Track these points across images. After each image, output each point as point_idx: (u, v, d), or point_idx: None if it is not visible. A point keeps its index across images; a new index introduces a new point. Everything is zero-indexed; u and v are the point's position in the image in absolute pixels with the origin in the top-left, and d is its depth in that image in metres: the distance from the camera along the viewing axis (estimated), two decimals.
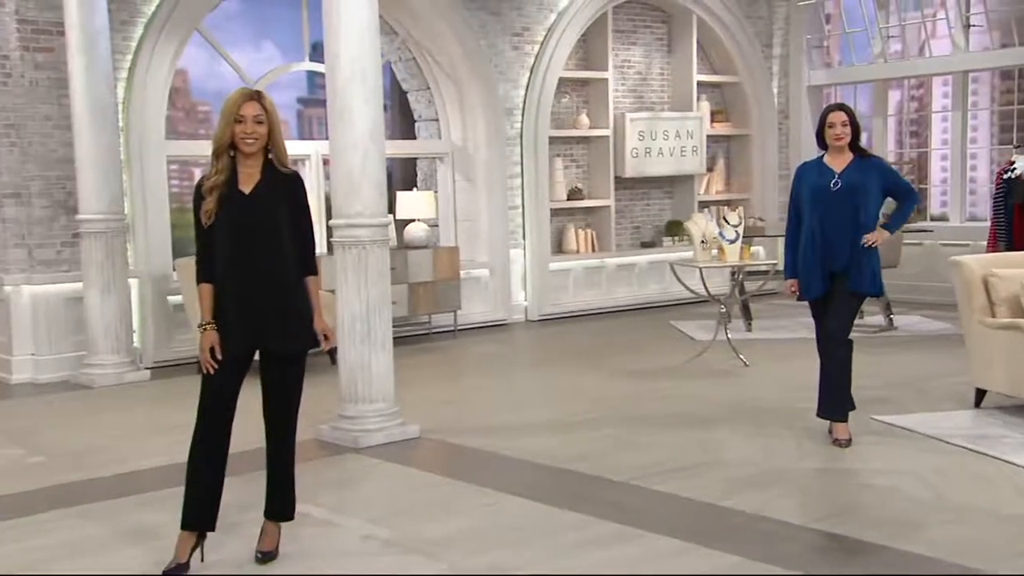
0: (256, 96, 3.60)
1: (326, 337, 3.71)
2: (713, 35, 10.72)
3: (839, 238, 4.95)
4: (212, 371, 3.54)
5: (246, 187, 3.58)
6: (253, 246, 3.57)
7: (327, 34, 5.23)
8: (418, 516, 4.18)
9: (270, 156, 3.63)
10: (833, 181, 4.98)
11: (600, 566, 3.56)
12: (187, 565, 3.53)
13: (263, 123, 3.56)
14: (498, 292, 9.44)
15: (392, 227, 8.01)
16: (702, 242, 6.91)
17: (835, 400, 5.05)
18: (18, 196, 7.11)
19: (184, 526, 3.57)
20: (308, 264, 3.70)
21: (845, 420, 5.06)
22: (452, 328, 8.87)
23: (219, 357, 3.53)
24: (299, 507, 3.86)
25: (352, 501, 4.48)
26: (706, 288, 7.19)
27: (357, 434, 5.27)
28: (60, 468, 5.01)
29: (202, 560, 3.59)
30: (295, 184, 3.68)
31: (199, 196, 3.59)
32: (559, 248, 10.00)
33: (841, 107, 5.07)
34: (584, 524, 3.99)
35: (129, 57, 7.45)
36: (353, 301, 5.32)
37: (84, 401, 6.62)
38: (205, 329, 3.57)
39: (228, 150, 3.57)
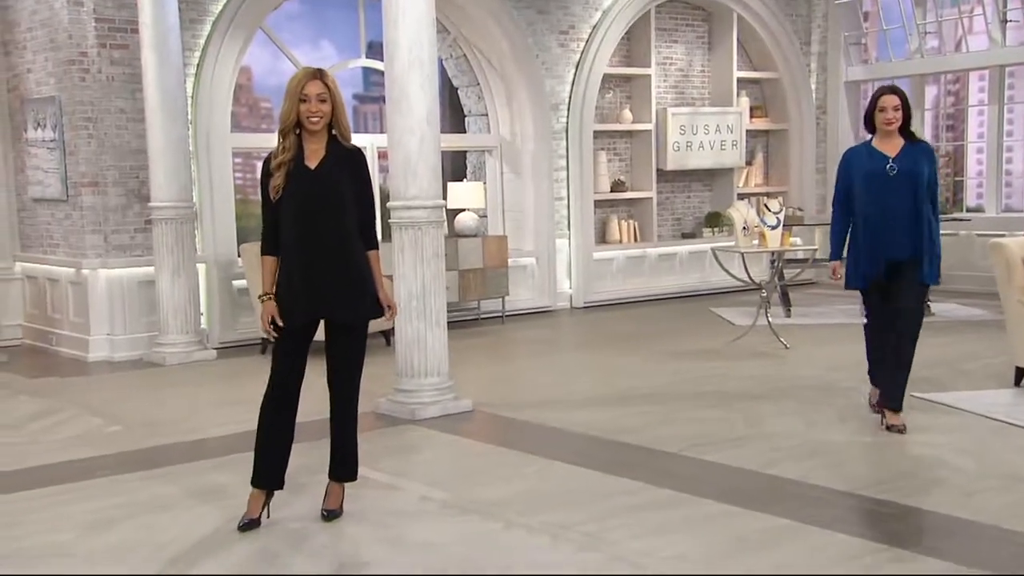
0: (319, 75, 3.70)
1: (390, 307, 3.88)
2: (753, 33, 10.96)
3: (899, 225, 4.82)
4: (274, 339, 3.74)
5: (312, 163, 3.71)
6: (318, 219, 3.70)
7: (386, 23, 5.52)
8: (473, 480, 4.43)
9: (334, 133, 3.75)
10: (888, 166, 4.86)
11: (652, 527, 3.74)
12: (258, 521, 3.80)
13: (326, 101, 3.66)
14: (544, 280, 9.77)
15: (444, 215, 8.35)
16: (743, 228, 7.17)
17: (898, 386, 4.93)
18: (95, 185, 7.56)
19: (254, 484, 3.83)
20: (369, 238, 3.83)
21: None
22: (500, 314, 9.22)
23: (280, 324, 3.71)
24: (360, 471, 4.12)
25: (410, 467, 4.77)
26: (748, 273, 7.44)
27: (413, 406, 5.59)
28: (136, 436, 5.36)
29: (268, 516, 3.85)
30: (358, 160, 3.78)
31: (266, 173, 3.75)
32: (602, 238, 10.31)
33: (893, 90, 4.91)
34: (635, 489, 4.21)
35: (197, 54, 7.88)
36: (410, 279, 5.64)
37: (156, 377, 7.04)
38: (265, 300, 3.75)
39: (294, 128, 3.69)
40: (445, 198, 8.93)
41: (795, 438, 4.99)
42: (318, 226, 3.71)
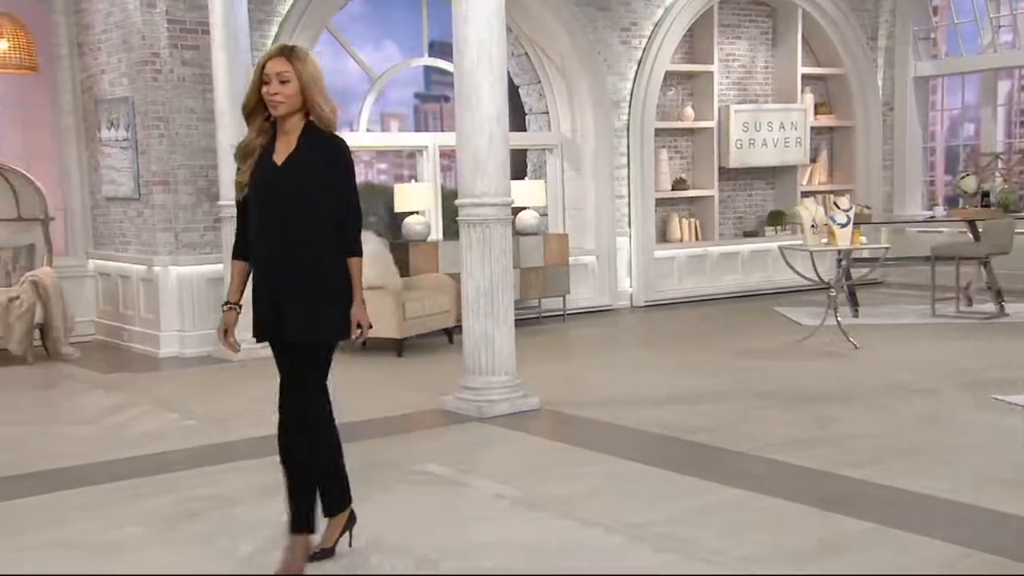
0: (284, 51, 3.20)
1: (359, 327, 3.29)
2: (818, 28, 10.78)
3: None
4: (235, 352, 3.45)
5: (280, 156, 3.21)
6: (277, 226, 3.19)
7: (456, 20, 5.53)
8: (544, 478, 4.41)
9: (312, 119, 3.22)
10: None
11: (729, 528, 3.69)
12: (332, 550, 3.48)
13: (289, 82, 3.14)
14: (604, 278, 9.72)
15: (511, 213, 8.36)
16: (812, 226, 7.06)
17: None
18: (166, 184, 7.71)
19: (291, 529, 3.40)
20: (349, 244, 3.25)
21: None
22: (561, 312, 9.20)
23: (231, 340, 3.39)
24: (432, 468, 4.11)
25: (480, 464, 4.76)
26: (816, 272, 7.32)
27: (481, 404, 5.57)
28: (211, 430, 5.44)
29: (350, 545, 3.54)
30: (337, 151, 3.22)
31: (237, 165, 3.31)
32: (663, 237, 10.23)
33: None
34: (708, 489, 4.16)
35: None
36: (478, 277, 5.63)
37: (225, 373, 7.13)
38: (226, 310, 3.40)
39: (264, 115, 3.21)
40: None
41: (870, 439, 4.90)
42: (280, 233, 3.18)
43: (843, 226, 6.96)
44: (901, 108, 11.38)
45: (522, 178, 9.73)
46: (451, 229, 9.32)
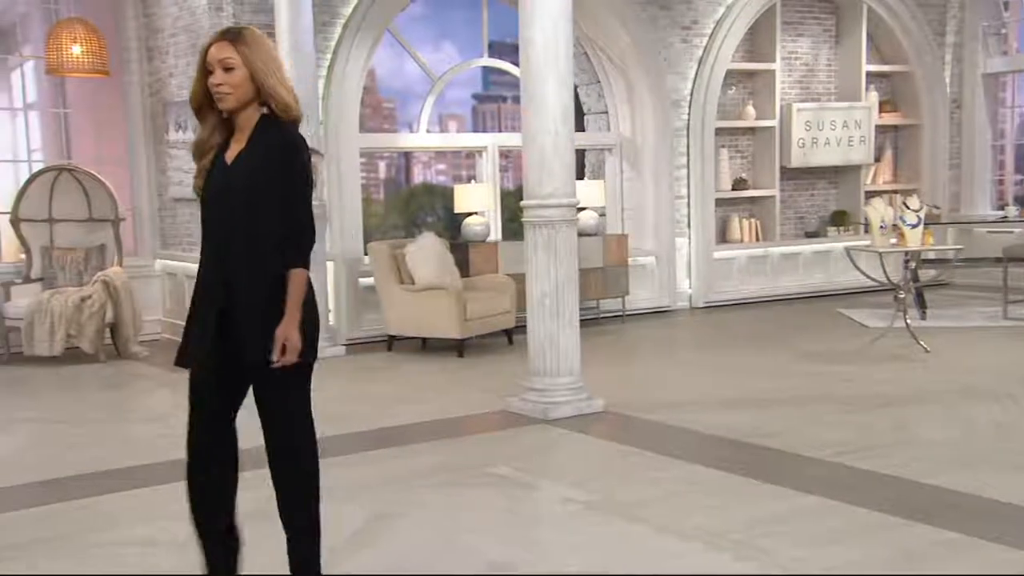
0: (228, 35, 2.81)
1: (283, 350, 2.79)
2: (883, 24, 10.58)
3: None
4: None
5: (231, 154, 2.86)
6: (224, 234, 2.83)
7: (522, 21, 5.53)
8: (614, 482, 4.38)
9: (265, 112, 2.83)
10: None
11: (808, 537, 3.62)
12: None
13: (234, 69, 2.76)
14: (663, 279, 9.65)
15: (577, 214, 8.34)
16: (881, 227, 6.92)
17: None
18: None
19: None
20: (289, 252, 2.81)
21: None
22: (620, 313, 9.14)
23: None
24: (500, 470, 4.08)
25: (548, 467, 4.77)
26: (886, 274, 7.18)
27: (546, 406, 5.56)
28: None
29: None
30: (283, 152, 2.80)
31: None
32: (723, 237, 10.12)
33: None
34: (783, 496, 4.09)
35: (328, 56, 8.05)
36: (543, 278, 5.61)
37: None
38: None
39: (215, 109, 2.84)
40: None
41: (948, 446, 4.79)
42: (227, 241, 2.82)
43: (914, 227, 6.82)
44: (969, 105, 11.12)
45: (580, 178, 9.67)
46: (509, 229, 9.33)
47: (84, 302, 7.40)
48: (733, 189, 10.09)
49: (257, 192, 2.79)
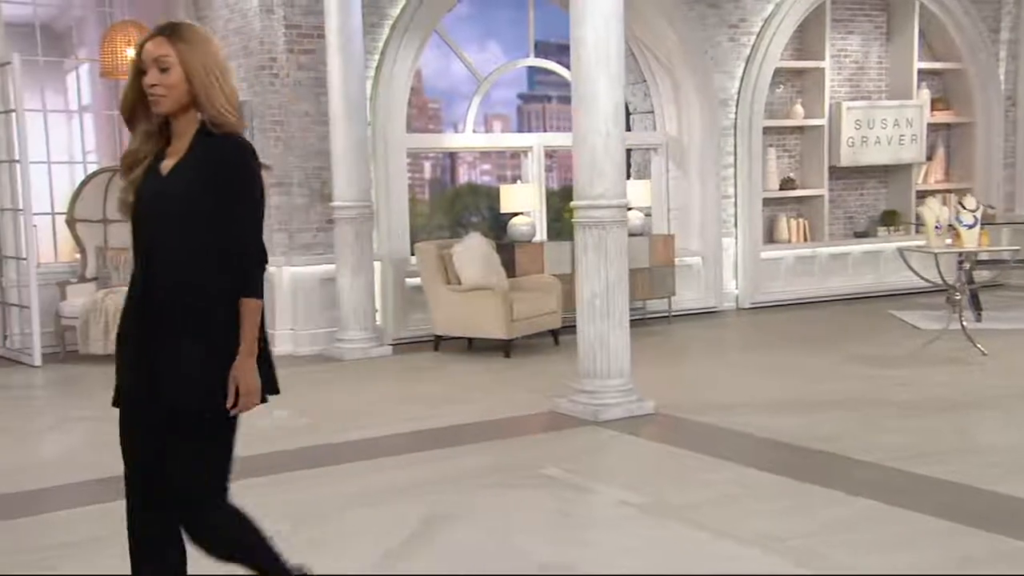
0: (166, 30, 2.48)
1: (237, 397, 2.47)
2: (936, 21, 10.41)
3: None
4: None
5: (166, 168, 2.51)
6: (152, 253, 2.48)
7: (573, 21, 5.50)
8: (668, 485, 4.35)
9: (201, 117, 2.49)
10: None
11: (868, 543, 3.57)
12: None
13: (170, 70, 2.43)
14: (709, 280, 9.57)
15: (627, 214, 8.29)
16: (936, 227, 6.80)
17: None
18: (281, 185, 7.88)
19: None
20: (239, 279, 2.49)
21: None
22: (666, 313, 9.09)
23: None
24: (552, 472, 4.04)
25: (601, 469, 4.75)
26: (941, 275, 7.05)
27: (596, 407, 5.52)
28: (328, 429, 5.52)
29: None
30: (227, 160, 2.47)
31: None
32: (770, 237, 10.02)
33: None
34: (841, 501, 4.03)
35: (376, 57, 8.09)
36: (593, 279, 5.58)
37: (338, 372, 7.26)
38: None
39: (146, 114, 2.50)
40: None
41: (1009, 451, 4.70)
42: (154, 262, 2.47)
43: (970, 227, 6.69)
44: None
45: (626, 178, 9.63)
46: (553, 229, 9.31)
47: None
48: (781, 189, 9.98)
49: (195, 210, 2.44)
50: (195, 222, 2.46)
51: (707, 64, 9.39)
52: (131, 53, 7.65)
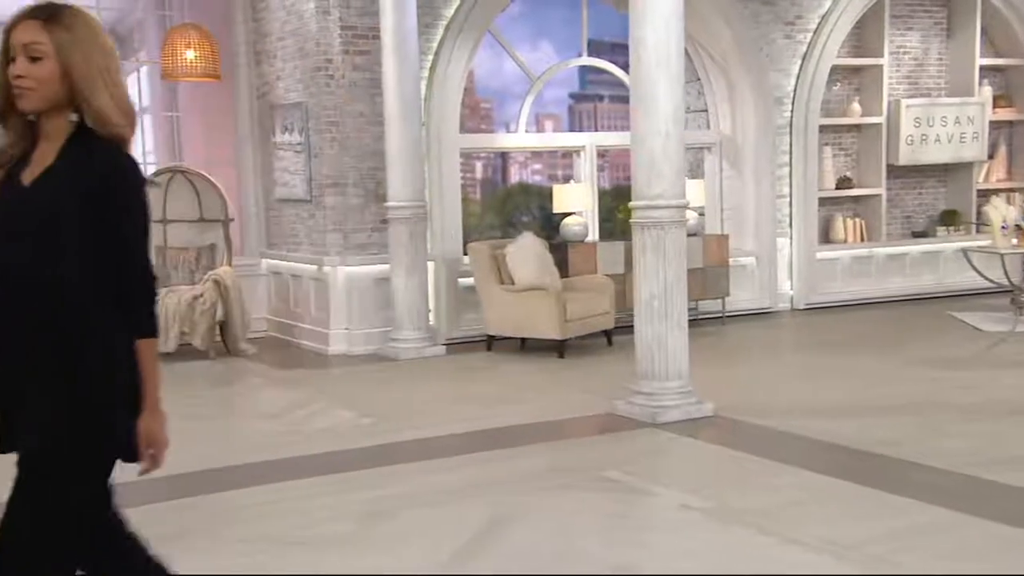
0: (41, 12, 2.11)
1: (152, 454, 2.23)
2: (998, 16, 10.18)
3: None
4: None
5: (33, 172, 2.14)
6: (7, 275, 2.10)
7: (633, 20, 5.46)
8: (730, 489, 4.29)
9: (73, 119, 2.13)
10: None
11: (942, 551, 3.49)
12: None
13: (42, 60, 2.08)
14: (764, 280, 9.47)
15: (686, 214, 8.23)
16: (1002, 227, 6.65)
17: None
18: (336, 186, 7.94)
19: None
20: (132, 313, 2.15)
21: None
22: (720, 314, 9.00)
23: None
24: (613, 474, 3.98)
25: (662, 472, 4.71)
26: (1007, 275, 6.90)
27: (655, 410, 5.48)
28: (386, 428, 5.54)
29: None
30: (106, 181, 2.09)
31: None
32: (826, 237, 9.88)
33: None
34: (909, 508, 3.95)
35: (430, 57, 8.12)
36: (651, 279, 5.53)
37: (393, 371, 7.29)
38: None
39: (14, 110, 2.14)
40: None
41: None
42: (9, 286, 2.10)
43: None
44: None
45: None
46: (605, 229, 9.27)
47: (196, 300, 7.62)
48: (837, 188, 9.84)
49: (61, 228, 2.07)
50: (63, 245, 2.07)
51: (762, 62, 9.28)
52: (191, 56, 7.78)
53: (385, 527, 3.95)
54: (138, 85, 9.09)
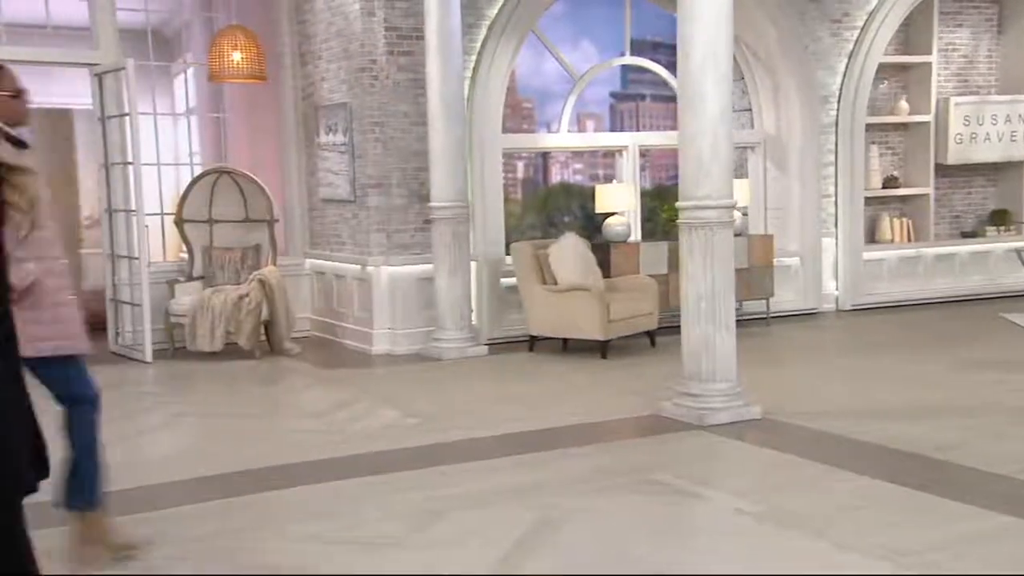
0: None
1: None
2: None
3: None
4: None
5: None
6: None
7: (681, 19, 5.42)
8: (783, 494, 4.23)
9: None
10: None
11: (1004, 561, 3.42)
12: None
13: None
14: (808, 281, 9.35)
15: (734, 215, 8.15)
16: None
17: None
18: (380, 186, 7.96)
19: None
20: None
21: None
22: (764, 315, 8.91)
23: None
24: (662, 476, 3.93)
25: (712, 475, 4.65)
26: None
27: (702, 411, 5.43)
28: (435, 429, 5.53)
29: None
30: None
31: None
32: (872, 237, 9.75)
33: None
34: (971, 515, 3.88)
35: (473, 58, 8.11)
36: (699, 280, 5.49)
37: (437, 371, 7.29)
38: None
39: None
40: None
41: None
42: None
43: None
44: None
45: None
46: (646, 229, 9.20)
47: (242, 300, 7.67)
48: (883, 187, 9.70)
49: None
50: None
51: (808, 61, 9.17)
52: (237, 58, 7.84)
53: (435, 528, 3.94)
54: (185, 86, 9.19)
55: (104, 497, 3.66)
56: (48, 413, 3.08)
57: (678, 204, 5.61)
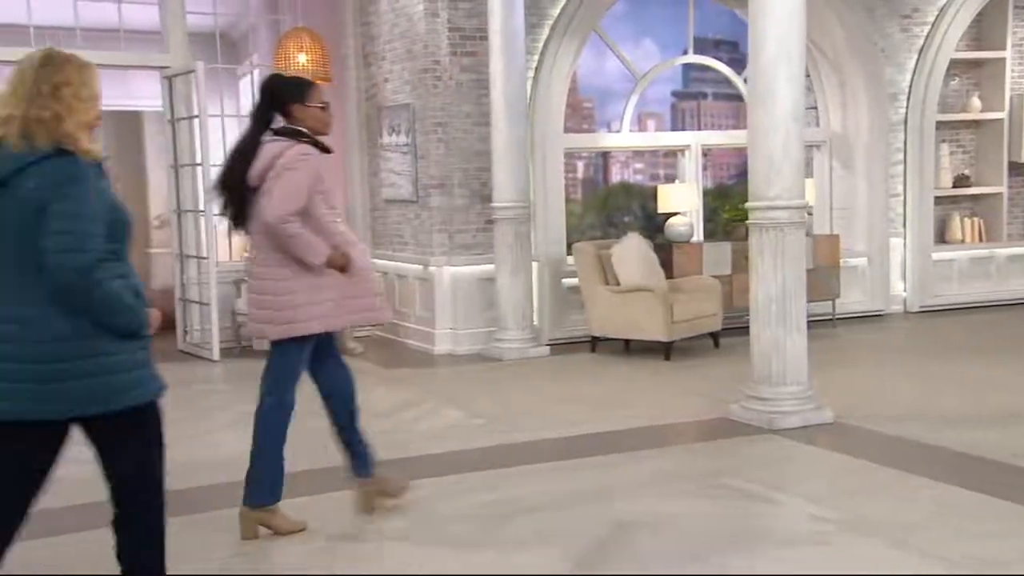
0: None
1: None
2: None
3: None
4: None
5: None
6: None
7: (753, 14, 5.33)
8: (859, 500, 4.14)
9: None
10: None
11: None
12: None
13: None
14: (876, 282, 9.17)
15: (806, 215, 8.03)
16: None
17: None
18: (442, 187, 7.98)
19: None
20: None
21: None
22: (831, 316, 8.75)
23: None
24: (733, 482, 3.86)
25: (785, 481, 4.55)
26: None
27: (772, 415, 5.34)
28: (500, 430, 5.51)
29: None
30: None
31: None
32: (942, 237, 9.53)
33: None
34: None
35: (536, 57, 8.09)
36: (769, 282, 5.40)
37: (499, 372, 7.29)
38: None
39: None
40: None
41: None
42: None
43: None
44: None
45: None
46: (707, 229, 9.09)
47: None
48: (954, 186, 9.48)
49: None
50: None
51: (876, 57, 8.99)
52: (303, 59, 7.91)
53: (507, 530, 3.93)
54: (251, 88, 9.30)
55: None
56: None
57: (748, 204, 5.52)
